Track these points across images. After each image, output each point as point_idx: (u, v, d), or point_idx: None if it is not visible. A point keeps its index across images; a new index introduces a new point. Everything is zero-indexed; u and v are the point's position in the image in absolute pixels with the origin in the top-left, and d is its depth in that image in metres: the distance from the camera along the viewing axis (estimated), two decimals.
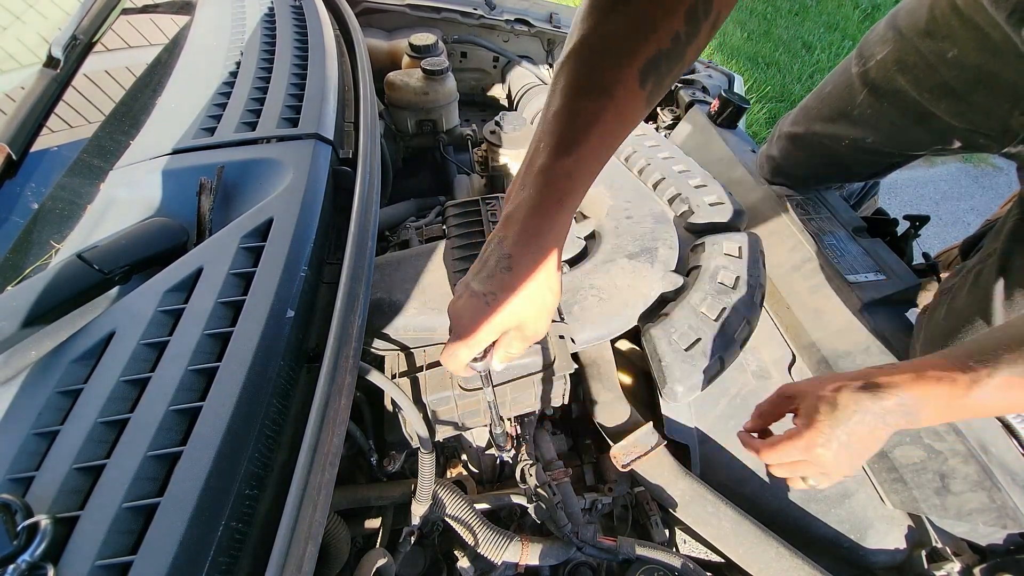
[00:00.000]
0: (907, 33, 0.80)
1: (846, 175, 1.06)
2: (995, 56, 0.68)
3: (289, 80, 0.77)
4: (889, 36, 0.83)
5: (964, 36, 0.70)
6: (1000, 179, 3.23)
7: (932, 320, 0.76)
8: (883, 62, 0.84)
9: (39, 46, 0.79)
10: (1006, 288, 0.65)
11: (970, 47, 0.70)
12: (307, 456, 0.40)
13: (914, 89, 0.81)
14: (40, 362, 0.45)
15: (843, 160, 1.00)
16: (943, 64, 0.75)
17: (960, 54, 0.72)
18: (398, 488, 0.67)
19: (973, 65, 0.71)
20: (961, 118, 0.78)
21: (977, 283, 0.70)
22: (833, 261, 0.94)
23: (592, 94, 0.39)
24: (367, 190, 0.64)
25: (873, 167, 1.00)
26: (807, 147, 1.03)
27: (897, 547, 0.73)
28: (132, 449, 0.38)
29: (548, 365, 0.64)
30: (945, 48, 0.74)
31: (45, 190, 0.67)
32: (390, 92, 1.10)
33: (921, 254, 1.11)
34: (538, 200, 0.41)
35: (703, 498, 0.69)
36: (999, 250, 0.68)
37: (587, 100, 0.40)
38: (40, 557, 0.33)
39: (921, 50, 0.77)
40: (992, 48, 0.67)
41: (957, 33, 0.71)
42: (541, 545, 0.65)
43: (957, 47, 0.72)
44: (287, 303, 0.49)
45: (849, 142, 0.95)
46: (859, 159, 0.98)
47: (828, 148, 0.99)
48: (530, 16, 1.42)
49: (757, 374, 0.85)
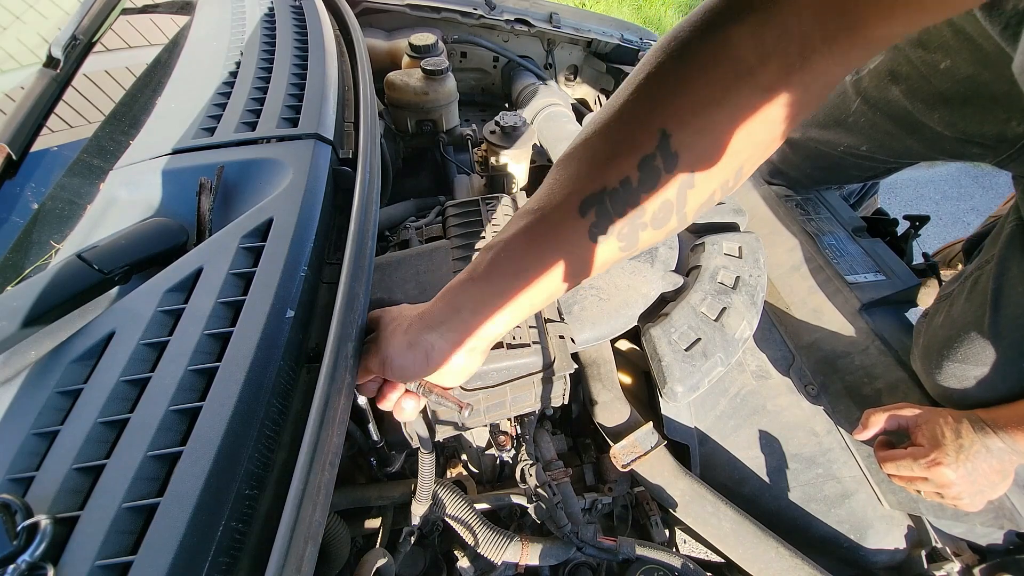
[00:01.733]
0: (899, 43, 0.80)
1: (843, 178, 1.07)
2: (988, 67, 0.68)
3: (289, 80, 0.77)
4: None
5: (957, 47, 0.70)
6: (1000, 179, 3.23)
7: (931, 326, 0.76)
8: (876, 71, 0.85)
9: (39, 46, 0.79)
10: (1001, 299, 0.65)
11: (963, 58, 0.70)
12: (307, 456, 0.40)
13: (907, 99, 0.81)
14: (40, 362, 0.45)
15: (839, 165, 1.00)
16: (936, 75, 0.75)
17: (953, 65, 0.72)
18: (398, 488, 0.67)
19: (966, 76, 0.71)
20: (953, 128, 0.78)
21: (974, 290, 0.70)
22: (833, 261, 0.94)
23: (532, 212, 0.43)
24: (367, 190, 0.63)
25: (869, 172, 1.00)
26: (804, 152, 1.03)
27: (897, 547, 0.73)
28: (132, 449, 0.38)
29: (548, 365, 0.64)
30: (938, 59, 0.74)
31: (45, 190, 0.67)
32: (390, 92, 1.10)
33: (921, 254, 1.11)
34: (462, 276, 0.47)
35: (703, 498, 0.69)
36: (996, 257, 0.68)
37: (525, 216, 0.43)
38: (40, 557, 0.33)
39: (913, 60, 0.78)
40: (985, 59, 0.67)
41: (950, 44, 0.71)
42: (541, 545, 0.65)
43: (950, 58, 0.72)
44: (287, 303, 0.49)
45: (843, 149, 0.95)
46: (854, 164, 0.98)
47: (824, 154, 1.00)
48: (530, 16, 1.42)
49: (757, 374, 0.85)
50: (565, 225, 0.41)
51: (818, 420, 0.81)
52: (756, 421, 0.81)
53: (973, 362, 0.66)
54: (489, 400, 0.65)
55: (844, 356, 0.85)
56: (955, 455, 0.61)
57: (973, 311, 0.68)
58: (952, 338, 0.70)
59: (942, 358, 0.70)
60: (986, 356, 0.65)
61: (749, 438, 0.80)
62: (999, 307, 0.65)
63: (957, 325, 0.70)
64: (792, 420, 0.81)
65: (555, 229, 0.42)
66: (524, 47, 1.52)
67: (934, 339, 0.73)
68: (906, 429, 0.68)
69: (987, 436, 0.60)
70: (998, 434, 0.59)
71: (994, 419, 0.61)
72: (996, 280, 0.66)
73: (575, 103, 1.42)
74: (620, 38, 1.51)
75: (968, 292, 0.71)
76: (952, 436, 0.62)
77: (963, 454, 0.60)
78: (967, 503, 0.62)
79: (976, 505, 0.62)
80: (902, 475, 0.66)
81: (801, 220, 1.02)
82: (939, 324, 0.74)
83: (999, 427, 0.60)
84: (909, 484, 0.66)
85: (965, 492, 0.61)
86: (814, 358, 0.88)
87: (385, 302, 0.67)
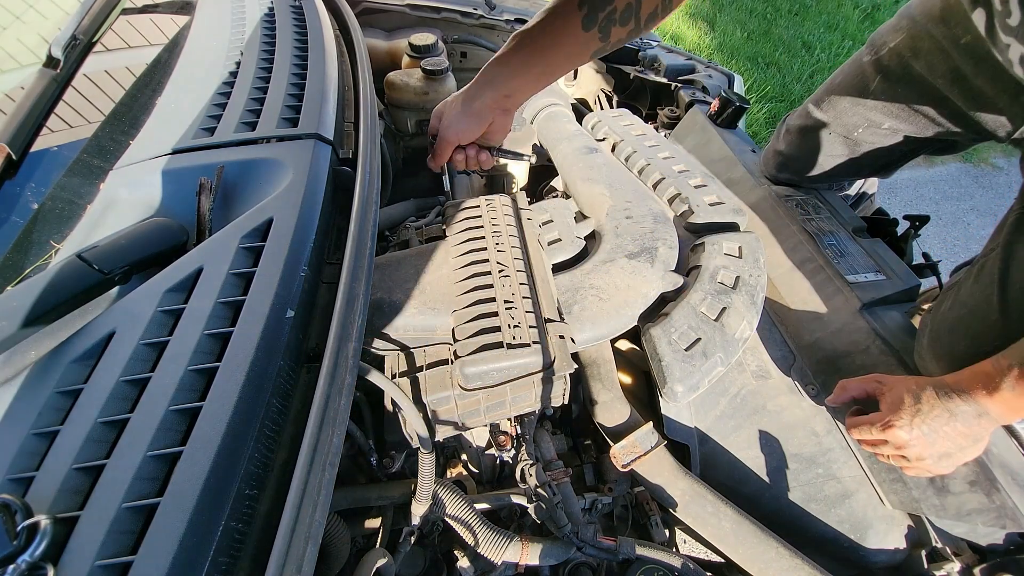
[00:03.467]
0: (920, 19, 0.81)
1: (855, 168, 1.05)
2: None
3: (289, 80, 0.77)
4: (902, 24, 0.84)
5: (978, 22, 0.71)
6: (1000, 179, 3.24)
7: (938, 313, 0.76)
8: (896, 48, 0.85)
9: (39, 46, 0.79)
10: (1009, 277, 0.66)
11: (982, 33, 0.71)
12: (307, 456, 0.40)
13: (928, 74, 0.82)
14: (40, 362, 0.45)
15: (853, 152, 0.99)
16: (955, 49, 0.76)
17: (973, 41, 0.73)
18: (398, 488, 0.67)
19: (986, 52, 0.71)
20: (973, 103, 0.79)
21: (981, 274, 0.70)
22: (833, 261, 0.94)
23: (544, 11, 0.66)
24: (367, 190, 0.64)
25: (883, 159, 0.99)
26: (815, 141, 1.02)
27: (897, 547, 0.73)
28: (132, 449, 0.38)
29: (548, 365, 0.64)
30: (958, 34, 0.75)
31: (45, 190, 0.67)
32: (390, 92, 1.10)
33: (921, 254, 1.11)
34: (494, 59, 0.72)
35: (703, 498, 0.69)
36: (1002, 242, 0.69)
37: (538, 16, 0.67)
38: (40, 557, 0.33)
39: (935, 35, 0.78)
40: None
41: (971, 20, 0.72)
42: (541, 545, 0.65)
43: (970, 33, 0.73)
44: (287, 303, 0.49)
45: (863, 129, 0.95)
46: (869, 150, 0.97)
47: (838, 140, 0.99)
48: (530, 16, 1.42)
49: (757, 374, 0.85)
50: (569, 16, 0.63)
51: (818, 420, 0.81)
52: (756, 421, 0.81)
53: (984, 340, 0.67)
54: (489, 400, 0.64)
55: (845, 356, 0.85)
56: (909, 418, 0.62)
57: (982, 291, 0.69)
58: (962, 318, 0.71)
59: (953, 339, 0.71)
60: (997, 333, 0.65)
61: (749, 438, 0.80)
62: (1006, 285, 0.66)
63: (967, 306, 0.71)
64: (792, 420, 0.81)
65: (561, 18, 0.64)
66: None
67: (943, 322, 0.74)
68: (874, 396, 0.69)
69: (950, 400, 0.60)
70: (961, 396, 0.60)
71: (957, 381, 0.61)
72: (1003, 262, 0.67)
73: (575, 103, 1.42)
74: None
75: (975, 277, 0.72)
76: (911, 401, 0.63)
77: (919, 417, 0.61)
78: (931, 464, 0.63)
79: (944, 467, 0.63)
80: (863, 439, 0.69)
81: (801, 220, 1.02)
82: (947, 308, 0.74)
83: (961, 390, 0.60)
84: (873, 448, 0.69)
85: (926, 453, 0.62)
86: (815, 358, 0.88)
87: (385, 302, 0.67)
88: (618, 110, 1.18)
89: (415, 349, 0.68)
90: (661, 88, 1.42)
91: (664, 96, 1.43)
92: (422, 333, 0.67)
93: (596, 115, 1.13)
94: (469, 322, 0.65)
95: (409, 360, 0.67)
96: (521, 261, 0.73)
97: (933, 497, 0.71)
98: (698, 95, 1.34)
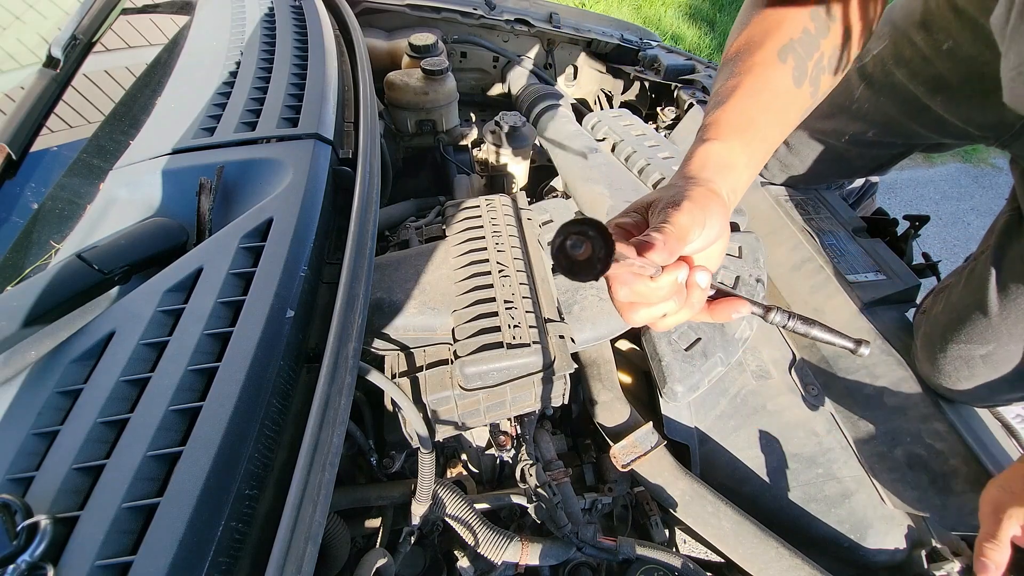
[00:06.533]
0: (902, 26, 0.80)
1: (849, 170, 1.06)
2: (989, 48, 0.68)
3: (289, 80, 0.77)
4: (884, 31, 0.84)
5: (959, 28, 0.71)
6: (1000, 179, 3.23)
7: (930, 316, 0.76)
8: (879, 56, 0.85)
9: (39, 46, 0.79)
10: (999, 279, 0.66)
11: (965, 39, 0.70)
12: (307, 456, 0.40)
13: (910, 81, 0.81)
14: (40, 362, 0.45)
15: (845, 155, 1.00)
16: (938, 56, 0.75)
17: (955, 46, 0.72)
18: (398, 488, 0.67)
19: (967, 56, 0.71)
20: (955, 112, 0.78)
21: (971, 277, 0.71)
22: (833, 261, 0.94)
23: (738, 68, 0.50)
24: (367, 190, 0.63)
25: (874, 161, 1.00)
26: (808, 147, 1.03)
27: (897, 547, 0.73)
28: (132, 449, 0.38)
29: (548, 365, 0.64)
30: (940, 40, 0.74)
31: (45, 190, 0.67)
32: (390, 92, 1.10)
33: (921, 254, 1.11)
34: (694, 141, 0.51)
35: (703, 498, 0.69)
36: (992, 244, 0.69)
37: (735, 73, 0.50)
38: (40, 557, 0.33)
39: (916, 42, 0.78)
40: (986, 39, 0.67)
41: (952, 25, 0.71)
42: (541, 545, 0.65)
43: (952, 39, 0.72)
44: (287, 303, 0.49)
45: (849, 137, 0.95)
46: (859, 155, 0.98)
47: (829, 145, 0.99)
48: (530, 16, 1.42)
49: (757, 374, 0.85)
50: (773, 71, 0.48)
51: (818, 420, 0.81)
52: (756, 421, 0.81)
53: (977, 341, 0.67)
54: (489, 400, 0.64)
55: (845, 356, 0.85)
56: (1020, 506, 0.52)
57: (972, 294, 0.69)
58: (953, 321, 0.71)
59: (945, 342, 0.71)
60: (989, 335, 0.65)
61: (749, 438, 0.80)
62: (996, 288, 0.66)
63: (957, 309, 0.71)
64: (792, 420, 0.81)
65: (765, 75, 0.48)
66: (524, 47, 1.52)
67: (935, 326, 0.74)
68: None
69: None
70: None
71: None
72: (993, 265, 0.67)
73: (575, 103, 1.42)
74: (620, 38, 1.51)
75: (965, 280, 0.72)
76: (1008, 497, 0.53)
77: None
78: None
79: None
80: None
81: (801, 220, 1.02)
82: (939, 312, 0.74)
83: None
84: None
85: None
86: (815, 358, 0.88)
87: (385, 302, 0.67)
88: (618, 110, 1.18)
89: (415, 349, 0.68)
90: (661, 88, 1.42)
91: (664, 96, 1.43)
92: (422, 333, 0.67)
93: (596, 115, 1.13)
94: (469, 322, 0.65)
95: (409, 360, 0.67)
96: (521, 261, 0.73)
97: (933, 497, 0.71)
98: (698, 95, 1.34)
